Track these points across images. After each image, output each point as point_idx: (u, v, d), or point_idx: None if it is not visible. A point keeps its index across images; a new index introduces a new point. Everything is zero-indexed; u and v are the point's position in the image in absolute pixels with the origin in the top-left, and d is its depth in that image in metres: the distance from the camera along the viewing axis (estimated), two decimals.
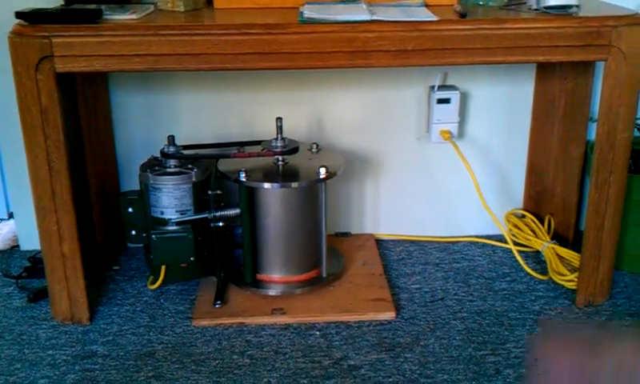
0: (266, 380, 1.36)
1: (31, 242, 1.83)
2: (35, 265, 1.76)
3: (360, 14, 1.39)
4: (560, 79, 1.74)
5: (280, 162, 1.61)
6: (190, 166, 1.59)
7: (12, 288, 1.70)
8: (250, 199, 1.58)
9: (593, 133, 1.63)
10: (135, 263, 1.81)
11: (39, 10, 1.36)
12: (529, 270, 1.74)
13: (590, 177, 1.50)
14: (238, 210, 1.57)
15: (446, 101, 1.77)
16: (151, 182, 1.56)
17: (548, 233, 1.83)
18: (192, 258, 1.59)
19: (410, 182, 1.89)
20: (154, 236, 1.57)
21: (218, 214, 1.57)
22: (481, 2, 1.55)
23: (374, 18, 1.36)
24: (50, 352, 1.45)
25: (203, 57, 1.33)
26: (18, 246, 1.91)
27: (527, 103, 1.84)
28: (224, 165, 1.60)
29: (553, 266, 1.70)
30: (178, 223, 1.58)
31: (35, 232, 1.46)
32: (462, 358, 1.42)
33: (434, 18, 1.36)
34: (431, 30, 1.34)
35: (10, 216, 2.04)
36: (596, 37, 1.36)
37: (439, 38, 1.35)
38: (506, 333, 1.50)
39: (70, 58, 1.32)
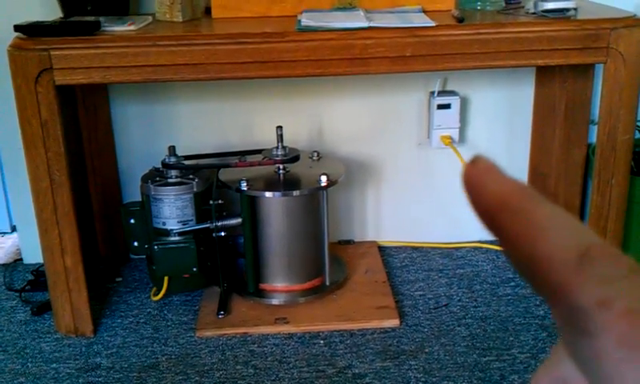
0: None
1: (34, 255, 1.83)
2: (38, 278, 1.76)
3: (358, 21, 1.39)
4: (560, 82, 1.74)
5: (281, 171, 1.60)
6: (191, 176, 1.59)
7: (15, 301, 1.71)
8: (252, 208, 1.58)
9: (594, 136, 1.62)
10: (138, 274, 1.81)
11: (38, 23, 1.36)
12: None
13: (592, 180, 1.49)
14: (239, 220, 1.57)
15: (447, 106, 1.77)
16: (152, 192, 1.56)
17: None
18: (195, 269, 1.59)
19: (412, 188, 1.89)
20: (156, 247, 1.57)
21: (219, 223, 1.57)
22: (478, 7, 1.55)
23: (372, 24, 1.36)
24: (54, 365, 1.45)
25: (201, 67, 1.33)
26: (21, 259, 1.91)
27: (528, 107, 1.84)
28: (225, 174, 1.60)
29: None
30: (179, 234, 1.58)
31: (38, 245, 1.47)
32: (467, 365, 1.41)
33: (432, 24, 1.36)
34: (429, 36, 1.35)
35: (13, 229, 2.04)
36: (594, 39, 1.35)
37: (437, 43, 1.35)
38: (511, 338, 1.50)
39: (68, 70, 1.32)
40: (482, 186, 0.23)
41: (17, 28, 1.34)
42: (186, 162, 1.62)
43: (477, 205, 0.23)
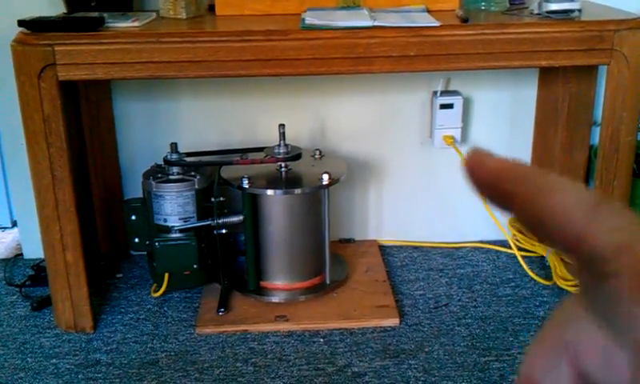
0: None
1: (35, 250, 1.83)
2: (39, 273, 1.76)
3: (362, 19, 1.39)
4: (563, 84, 1.73)
5: (283, 169, 1.60)
6: (192, 173, 1.59)
7: (16, 296, 1.70)
8: (253, 206, 1.58)
9: (596, 137, 1.62)
10: (138, 271, 1.80)
11: (42, 18, 1.36)
12: (533, 276, 1.73)
13: (594, 181, 1.49)
14: (240, 217, 1.57)
15: (449, 106, 1.77)
16: (154, 189, 1.56)
17: None
18: (195, 266, 1.59)
19: (414, 187, 1.89)
20: (157, 243, 1.57)
21: (221, 220, 1.57)
22: (483, 7, 1.55)
23: (376, 23, 1.36)
24: (54, 361, 1.45)
25: (205, 64, 1.33)
26: (21, 254, 1.91)
27: (530, 108, 1.84)
28: (227, 172, 1.60)
29: (557, 271, 1.70)
30: (181, 230, 1.58)
31: (39, 240, 1.47)
32: (466, 365, 1.41)
33: (436, 24, 1.36)
34: (433, 36, 1.34)
35: (14, 224, 2.04)
36: (598, 41, 1.35)
37: (441, 43, 1.35)
38: (511, 339, 1.50)
39: (72, 65, 1.32)
40: (484, 163, 0.24)
41: (21, 23, 1.34)
42: (188, 159, 1.62)
43: (482, 180, 0.24)
